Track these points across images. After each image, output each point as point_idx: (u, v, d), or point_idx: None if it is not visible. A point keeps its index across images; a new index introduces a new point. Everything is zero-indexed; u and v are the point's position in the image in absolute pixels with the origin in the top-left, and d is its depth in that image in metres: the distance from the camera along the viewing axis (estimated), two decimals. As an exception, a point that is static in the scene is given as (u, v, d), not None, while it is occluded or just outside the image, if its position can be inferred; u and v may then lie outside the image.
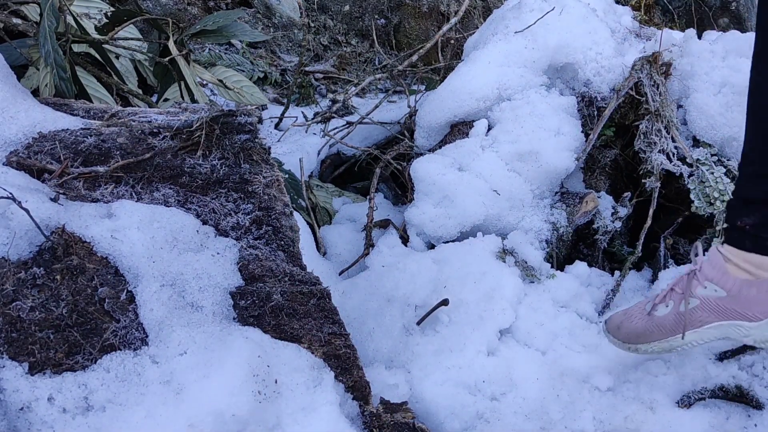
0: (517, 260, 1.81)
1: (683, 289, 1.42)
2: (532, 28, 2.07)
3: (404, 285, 1.73)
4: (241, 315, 1.20)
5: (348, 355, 1.24)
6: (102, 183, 1.30)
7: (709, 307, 1.40)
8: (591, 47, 2.08)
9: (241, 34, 2.04)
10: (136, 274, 1.15)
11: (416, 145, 2.16)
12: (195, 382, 1.05)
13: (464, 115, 2.06)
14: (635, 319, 1.48)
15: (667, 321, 1.43)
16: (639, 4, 2.82)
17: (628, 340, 1.47)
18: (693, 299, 1.41)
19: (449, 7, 3.62)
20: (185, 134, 1.40)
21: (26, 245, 1.10)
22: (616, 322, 1.50)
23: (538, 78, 2.06)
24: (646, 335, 1.45)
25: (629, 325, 1.47)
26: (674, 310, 1.43)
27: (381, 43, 3.58)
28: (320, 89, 3.30)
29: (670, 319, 1.43)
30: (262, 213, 1.35)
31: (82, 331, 1.07)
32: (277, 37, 3.46)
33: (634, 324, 1.47)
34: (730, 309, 1.38)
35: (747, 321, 1.38)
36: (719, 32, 2.17)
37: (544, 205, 1.95)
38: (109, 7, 2.22)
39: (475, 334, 1.60)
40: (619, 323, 1.50)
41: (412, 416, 1.26)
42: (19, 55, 1.77)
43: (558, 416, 1.46)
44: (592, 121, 2.07)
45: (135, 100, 1.99)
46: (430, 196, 1.92)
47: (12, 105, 1.36)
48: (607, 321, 1.54)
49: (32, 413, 0.98)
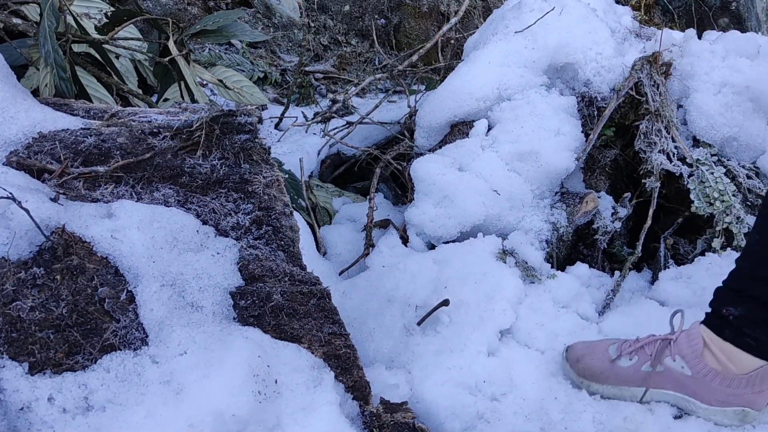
0: (517, 260, 1.81)
1: (652, 353, 1.45)
2: (532, 28, 2.07)
3: (404, 285, 1.73)
4: (241, 315, 1.20)
5: (348, 355, 1.24)
6: (102, 183, 1.30)
7: (672, 378, 1.44)
8: (591, 47, 2.08)
9: (241, 34, 2.03)
10: (136, 274, 1.15)
11: (416, 145, 2.16)
12: (195, 382, 1.05)
13: (464, 115, 2.06)
14: (596, 358, 1.50)
15: (626, 373, 1.47)
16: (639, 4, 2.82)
17: (583, 375, 1.51)
18: (659, 365, 1.44)
19: (449, 7, 3.62)
20: (185, 134, 1.40)
21: (26, 245, 1.10)
22: (577, 354, 1.53)
23: (538, 78, 2.06)
24: (602, 377, 1.49)
25: (589, 362, 1.50)
26: (636, 366, 1.46)
27: (381, 43, 3.58)
28: (320, 89, 3.31)
29: (629, 372, 1.47)
30: (262, 213, 1.35)
31: (82, 331, 1.07)
32: (277, 37, 3.46)
33: (594, 363, 1.50)
34: (691, 388, 1.42)
35: (702, 403, 1.42)
36: (719, 32, 2.17)
37: (544, 205, 1.95)
38: (109, 7, 2.22)
39: (475, 335, 1.60)
40: (579, 356, 1.52)
41: (412, 416, 1.26)
42: (19, 55, 1.77)
43: (558, 417, 1.46)
44: (592, 121, 2.07)
45: (135, 100, 1.99)
46: (430, 196, 1.91)
47: (12, 105, 1.36)
48: (569, 348, 1.56)
49: (32, 413, 0.98)
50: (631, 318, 1.71)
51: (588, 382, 1.51)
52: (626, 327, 1.69)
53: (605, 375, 1.48)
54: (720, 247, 1.87)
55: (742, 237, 1.85)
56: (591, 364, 1.50)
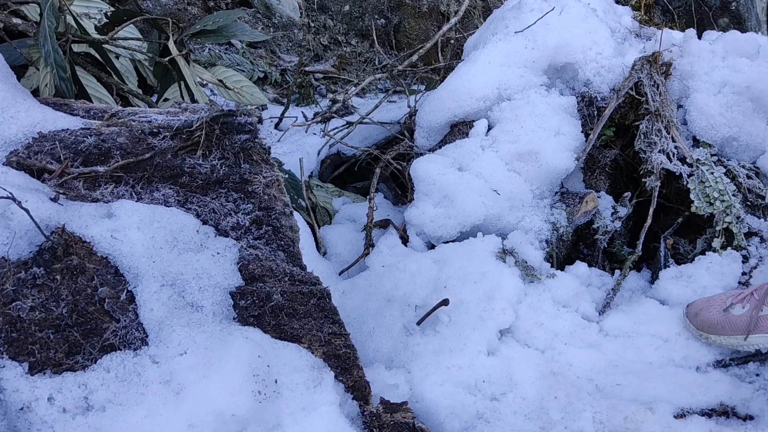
0: (517, 260, 1.81)
1: (760, 297, 1.54)
2: (532, 28, 2.07)
3: (404, 285, 1.73)
4: (241, 315, 1.20)
5: (348, 355, 1.24)
6: (102, 183, 1.30)
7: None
8: (591, 47, 2.08)
9: (241, 34, 2.03)
10: (136, 274, 1.15)
11: (416, 145, 2.16)
12: (195, 382, 1.05)
13: (464, 115, 2.06)
14: (713, 310, 1.60)
15: (739, 321, 1.56)
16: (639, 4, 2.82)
17: (701, 328, 1.61)
18: (765, 308, 1.53)
19: (449, 7, 3.62)
20: (185, 134, 1.40)
21: (26, 245, 1.10)
22: (696, 308, 1.63)
23: (538, 78, 2.06)
24: (718, 328, 1.58)
25: (706, 315, 1.61)
26: (748, 313, 1.55)
27: (381, 43, 3.58)
28: (320, 89, 3.31)
29: (742, 319, 1.56)
30: (262, 213, 1.35)
31: (82, 331, 1.07)
32: (277, 37, 3.46)
33: (711, 315, 1.60)
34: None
35: None
36: (719, 32, 2.17)
37: (544, 205, 1.95)
38: (109, 7, 2.22)
39: (475, 334, 1.60)
40: (698, 311, 1.62)
41: (412, 416, 1.26)
42: (19, 55, 1.77)
43: (558, 416, 1.46)
44: (592, 121, 2.07)
45: (135, 100, 1.99)
46: (430, 196, 1.92)
47: (12, 105, 1.36)
48: (689, 305, 1.67)
49: (32, 413, 0.98)
50: (632, 317, 1.71)
51: (707, 334, 1.59)
52: (627, 326, 1.69)
53: (721, 325, 1.57)
54: (720, 247, 1.87)
55: (742, 237, 1.85)
56: (708, 317, 1.59)
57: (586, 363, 1.60)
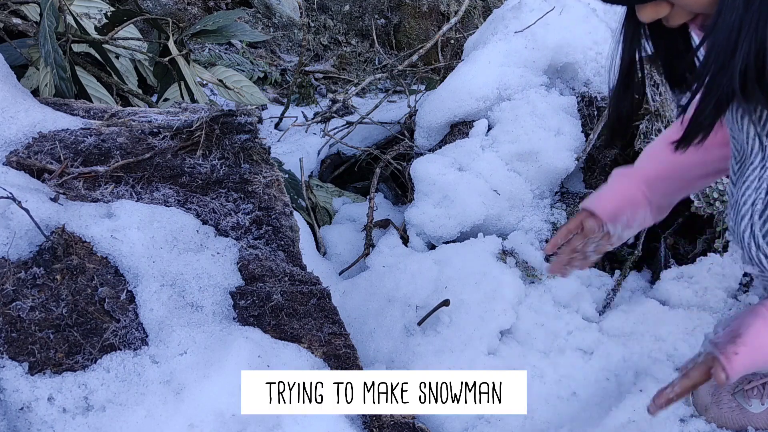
0: (517, 260, 1.80)
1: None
2: (532, 28, 2.07)
3: (405, 285, 1.73)
4: (241, 315, 1.20)
5: (348, 355, 1.24)
6: (102, 183, 1.30)
7: None
8: (591, 47, 2.08)
9: (241, 34, 2.03)
10: (136, 274, 1.15)
11: (416, 145, 2.16)
12: (195, 382, 1.05)
13: (464, 115, 2.06)
14: (724, 407, 1.42)
15: (759, 419, 1.39)
16: (639, 4, 2.81)
17: (717, 422, 1.42)
18: None
19: (449, 7, 3.62)
20: (185, 134, 1.40)
21: (26, 245, 1.10)
22: (703, 401, 1.45)
23: (538, 78, 2.06)
24: (737, 426, 1.41)
25: (718, 413, 1.42)
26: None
27: (381, 43, 3.58)
28: (320, 89, 3.31)
29: (763, 417, 1.39)
30: (262, 213, 1.35)
31: (82, 331, 1.07)
32: (277, 37, 3.46)
33: (725, 414, 1.41)
34: None
35: None
36: (719, 32, 2.17)
37: (544, 205, 1.95)
38: (109, 7, 2.22)
39: (475, 335, 1.60)
40: (707, 405, 1.44)
41: (412, 416, 1.26)
42: (19, 55, 1.77)
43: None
44: (592, 121, 2.07)
45: (135, 100, 1.99)
46: (430, 196, 1.91)
47: (12, 105, 1.36)
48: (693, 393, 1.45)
49: (32, 413, 0.98)
50: (632, 317, 1.71)
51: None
52: (627, 326, 1.69)
53: (740, 424, 1.40)
54: (722, 248, 1.86)
55: (742, 237, 1.85)
56: (722, 415, 1.41)
57: (587, 363, 1.59)
